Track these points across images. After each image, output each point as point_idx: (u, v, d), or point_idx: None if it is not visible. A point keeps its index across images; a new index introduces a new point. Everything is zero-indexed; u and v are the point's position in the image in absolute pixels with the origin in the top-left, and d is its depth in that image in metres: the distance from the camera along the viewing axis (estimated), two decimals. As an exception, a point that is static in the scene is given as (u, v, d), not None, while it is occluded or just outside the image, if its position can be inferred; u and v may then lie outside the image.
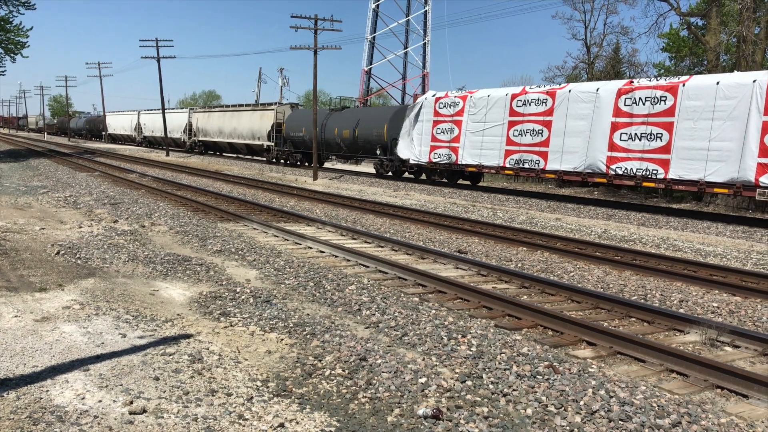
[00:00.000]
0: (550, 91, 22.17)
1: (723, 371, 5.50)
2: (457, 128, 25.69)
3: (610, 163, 20.07)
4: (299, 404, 4.66)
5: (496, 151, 24.03)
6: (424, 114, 27.37)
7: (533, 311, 7.29)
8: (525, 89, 23.23)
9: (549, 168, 22.12)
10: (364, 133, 31.84)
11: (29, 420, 4.10)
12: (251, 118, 42.88)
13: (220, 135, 47.62)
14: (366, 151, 32.63)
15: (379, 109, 35.68)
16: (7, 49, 36.52)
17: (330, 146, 35.19)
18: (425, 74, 61.96)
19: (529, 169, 22.91)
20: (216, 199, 18.92)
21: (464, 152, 25.38)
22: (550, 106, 22.06)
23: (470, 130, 25.07)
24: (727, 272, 10.52)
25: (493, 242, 13.19)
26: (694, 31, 32.59)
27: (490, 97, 24.43)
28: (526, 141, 22.90)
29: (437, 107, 26.68)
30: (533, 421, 4.52)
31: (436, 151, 26.79)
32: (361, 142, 32.27)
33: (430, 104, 27.07)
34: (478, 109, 24.73)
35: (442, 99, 26.58)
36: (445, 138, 26.34)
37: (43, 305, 6.78)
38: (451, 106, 26.04)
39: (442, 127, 26.48)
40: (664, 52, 40.16)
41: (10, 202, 15.65)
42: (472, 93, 25.39)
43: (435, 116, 26.79)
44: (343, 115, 35.07)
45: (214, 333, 6.22)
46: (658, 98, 18.81)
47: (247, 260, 10.02)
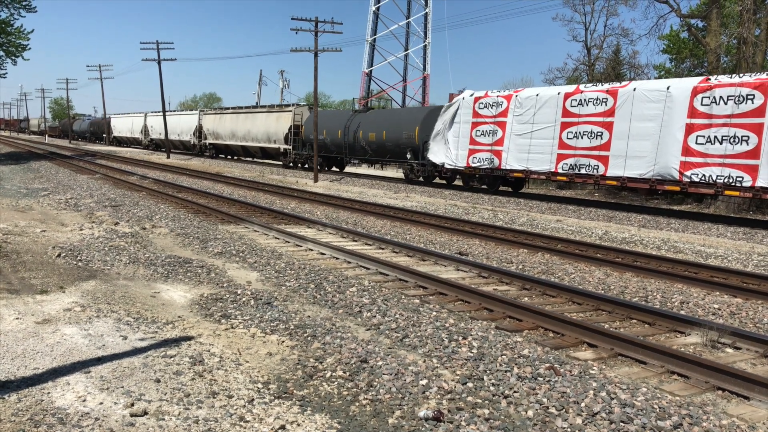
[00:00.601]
0: (611, 90, 20.23)
1: (724, 373, 5.50)
2: (501, 130, 23.74)
3: (684, 169, 18.18)
4: (300, 406, 4.66)
5: (546, 156, 22.07)
6: (461, 115, 25.42)
7: (534, 313, 7.29)
8: (579, 87, 21.46)
9: (610, 174, 20.14)
10: (393, 136, 29.84)
11: (30, 422, 4.10)
12: (267, 120, 40.85)
13: (232, 138, 45.66)
14: (395, 154, 30.54)
15: (410, 110, 33.08)
16: (8, 51, 36.60)
17: (354, 150, 33.27)
18: (426, 76, 61.97)
19: (586, 175, 20.90)
20: (217, 202, 18.92)
21: (509, 156, 23.45)
22: (611, 106, 20.07)
23: (516, 132, 23.17)
24: (728, 274, 10.51)
25: (494, 244, 13.18)
26: (694, 32, 32.60)
27: (539, 96, 22.47)
28: (583, 144, 20.91)
29: (476, 107, 24.77)
30: (534, 423, 4.51)
31: (476, 155, 24.81)
32: (389, 146, 30.29)
33: (468, 104, 25.08)
34: (525, 109, 22.82)
35: (482, 99, 24.63)
36: (486, 141, 24.39)
37: (44, 307, 6.78)
38: (493, 107, 24.10)
39: (482, 129, 24.54)
40: (665, 53, 40.17)
41: (11, 204, 15.67)
42: (518, 92, 23.57)
43: (474, 117, 24.87)
44: (368, 116, 32.91)
45: (215, 335, 6.22)
46: (743, 97, 17.03)
47: (248, 262, 10.02)
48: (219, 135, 47.40)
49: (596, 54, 39.89)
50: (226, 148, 48.07)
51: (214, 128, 48.19)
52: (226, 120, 46.28)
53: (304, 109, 38.97)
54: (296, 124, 37.86)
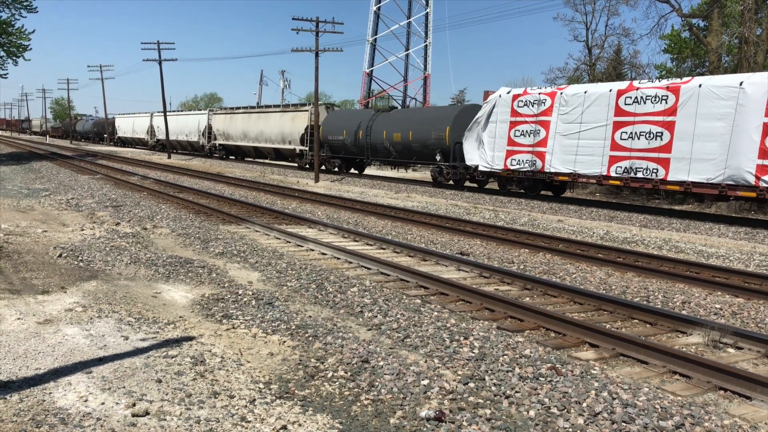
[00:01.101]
0: (672, 86, 18.55)
1: (726, 373, 5.49)
2: (544, 130, 22.06)
3: (761, 174, 16.61)
4: (302, 406, 4.66)
5: (596, 158, 20.42)
6: (498, 114, 23.67)
7: (535, 313, 7.28)
8: (633, 84, 19.92)
9: (671, 178, 18.49)
10: (420, 137, 28.04)
11: (32, 422, 4.10)
12: (281, 120, 38.99)
13: (244, 138, 43.86)
14: (422, 156, 28.72)
15: (440, 109, 30.57)
16: (9, 51, 36.62)
17: (376, 151, 31.38)
18: (426, 76, 62.05)
19: (644, 179, 19.20)
20: (218, 202, 18.93)
21: (553, 158, 21.75)
22: (672, 104, 18.44)
23: (561, 132, 21.49)
24: (729, 274, 10.51)
25: (495, 244, 13.18)
26: (695, 32, 32.59)
27: (587, 93, 20.84)
28: (640, 146, 19.22)
29: (515, 106, 23.05)
30: (536, 423, 4.51)
31: (515, 157, 23.13)
32: (416, 147, 28.48)
33: (506, 102, 23.37)
34: (572, 107, 21.15)
35: (521, 96, 22.95)
36: (526, 141, 22.68)
37: (46, 308, 6.79)
38: (534, 105, 22.39)
39: (522, 128, 22.86)
40: (666, 53, 40.18)
41: (12, 204, 15.68)
42: (563, 89, 22.01)
43: (512, 116, 23.17)
44: (392, 116, 31.00)
45: (217, 335, 6.22)
46: None
47: (249, 262, 10.02)
48: (229, 136, 45.83)
49: (597, 54, 39.88)
50: (236, 149, 46.31)
51: (224, 129, 46.58)
52: (237, 120, 44.68)
53: (321, 108, 37.17)
54: (313, 124, 35.80)
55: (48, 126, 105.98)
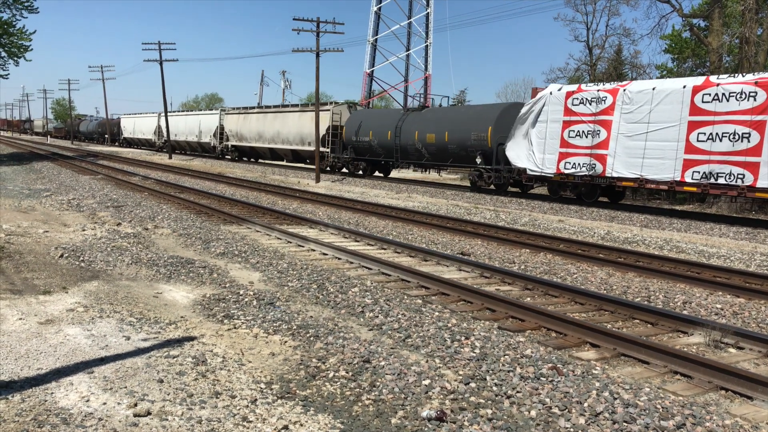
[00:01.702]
0: (761, 81, 16.67)
1: (727, 373, 5.49)
2: (605, 130, 20.15)
3: None
4: (303, 406, 4.66)
5: (668, 162, 18.47)
6: (550, 113, 21.85)
7: (536, 313, 7.29)
8: (710, 79, 18.09)
9: (761, 185, 16.54)
10: (457, 137, 26.06)
11: (34, 422, 4.10)
12: (300, 121, 36.94)
13: (259, 140, 41.80)
14: (459, 158, 26.58)
15: (481, 108, 27.84)
16: (10, 52, 36.66)
17: (407, 153, 29.37)
18: (427, 76, 62.01)
19: (726, 185, 17.33)
20: (219, 202, 18.94)
21: (615, 161, 19.87)
22: (762, 101, 16.50)
23: (625, 133, 19.63)
24: (730, 274, 10.51)
25: (496, 244, 13.18)
26: (696, 32, 32.57)
27: (656, 90, 18.88)
28: (721, 148, 17.31)
29: (569, 104, 21.19)
30: (537, 423, 4.51)
31: (569, 160, 21.21)
32: (452, 148, 26.50)
33: (558, 100, 21.56)
34: (637, 105, 19.26)
35: (576, 93, 21.09)
36: (583, 143, 20.80)
37: (47, 308, 6.79)
38: (592, 103, 20.50)
39: (578, 128, 20.98)
40: (667, 53, 40.15)
41: (13, 205, 15.69)
42: (626, 85, 20.18)
43: (566, 115, 21.31)
44: (424, 115, 28.91)
45: (218, 335, 6.22)
46: None
47: (251, 262, 10.03)
48: (243, 136, 43.88)
49: (598, 54, 39.87)
50: (251, 150, 44.21)
51: (237, 129, 44.59)
52: (252, 120, 42.66)
53: (343, 108, 35.57)
54: (335, 125, 34.47)
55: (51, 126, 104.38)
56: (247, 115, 43.75)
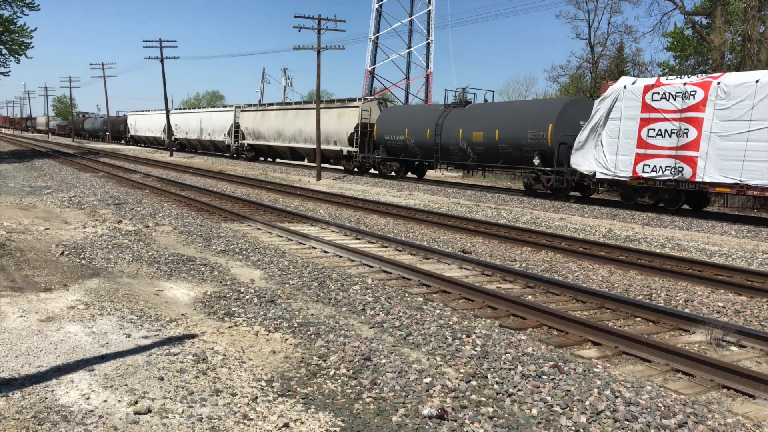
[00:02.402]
0: None
1: (729, 371, 5.48)
2: (693, 129, 18.03)
3: None
4: (304, 404, 4.66)
5: None
6: (624, 109, 19.74)
7: (538, 311, 7.27)
8: None
9: None
10: (510, 136, 23.83)
11: (34, 420, 4.10)
12: (325, 118, 34.72)
13: (278, 138, 39.48)
14: (511, 159, 24.34)
15: (538, 103, 25.70)
16: (11, 50, 36.64)
17: (448, 153, 27.00)
18: (429, 74, 62.03)
19: None
20: (220, 200, 18.94)
21: (707, 165, 17.76)
22: None
23: (720, 132, 17.50)
24: (732, 272, 10.49)
25: (498, 242, 13.17)
26: (698, 30, 32.51)
27: (761, 83, 16.75)
28: None
29: (648, 99, 19.08)
30: (538, 422, 4.50)
31: (648, 162, 19.08)
32: (504, 148, 24.20)
33: (634, 95, 19.51)
34: (736, 101, 17.18)
35: (657, 87, 18.93)
36: (665, 143, 18.68)
37: (48, 305, 6.79)
38: (677, 98, 18.43)
39: (659, 127, 18.83)
40: (669, 51, 40.07)
41: (14, 202, 15.69)
42: (718, 77, 18.03)
43: (644, 112, 19.18)
44: (469, 112, 26.38)
45: (219, 333, 6.22)
46: None
47: (251, 260, 10.02)
48: (260, 135, 41.48)
49: (600, 51, 39.82)
50: (269, 150, 41.91)
51: (254, 127, 42.20)
52: (270, 118, 40.29)
53: (373, 104, 33.19)
54: (364, 122, 32.19)
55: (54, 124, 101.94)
56: (266, 112, 41.60)
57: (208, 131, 49.27)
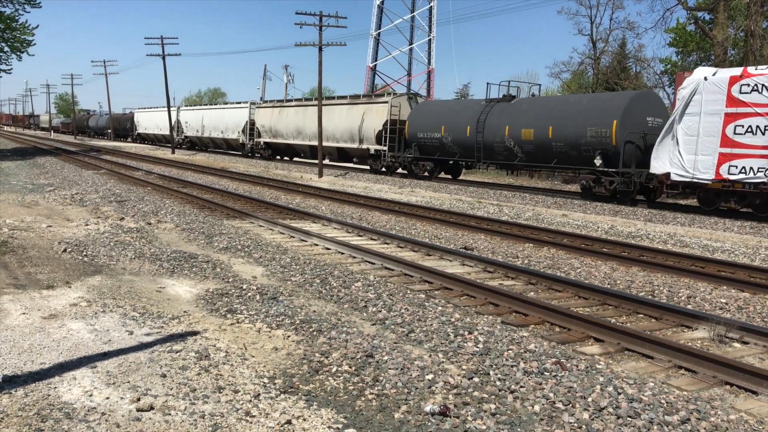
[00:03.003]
0: None
1: (732, 367, 5.47)
2: None
3: None
4: (306, 401, 4.66)
5: None
6: (703, 103, 17.68)
7: (540, 308, 7.26)
8: None
9: None
10: (566, 133, 21.67)
11: (37, 417, 4.10)
12: (349, 115, 32.84)
13: (297, 136, 37.36)
14: (567, 159, 22.09)
15: (600, 98, 23.34)
16: (13, 47, 36.64)
17: (492, 152, 24.81)
18: (430, 70, 61.92)
19: None
20: (222, 197, 18.94)
21: None
22: None
23: None
24: (735, 268, 10.46)
25: (500, 239, 13.15)
26: (701, 25, 32.40)
27: None
28: None
29: (735, 92, 16.97)
30: (541, 418, 4.50)
31: (735, 163, 17.09)
32: (558, 147, 22.03)
33: (717, 87, 17.45)
34: None
35: (746, 78, 16.87)
36: (757, 142, 16.65)
37: (51, 302, 6.80)
38: None
39: (749, 123, 16.71)
40: (671, 47, 39.93)
41: (17, 199, 15.71)
42: None
43: (730, 106, 17.09)
44: (516, 107, 24.29)
45: (221, 330, 6.22)
46: None
47: (254, 257, 10.02)
48: (278, 133, 39.26)
49: (602, 47, 39.74)
50: (287, 148, 39.68)
51: (270, 125, 39.93)
52: (289, 115, 37.95)
53: (403, 100, 30.78)
54: (393, 119, 29.96)
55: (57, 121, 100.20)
56: (283, 109, 39.34)
57: (221, 129, 47.20)
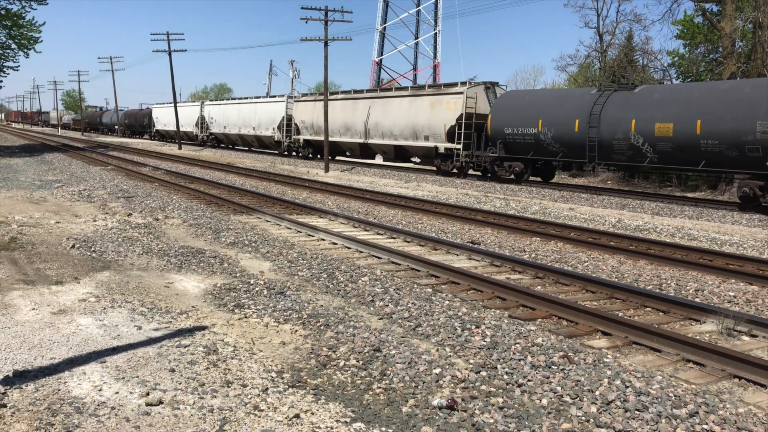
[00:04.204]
0: None
1: (740, 361, 5.45)
2: None
3: None
4: (314, 395, 4.68)
5: None
6: None
7: (547, 301, 7.26)
8: None
9: None
10: (722, 128, 17.46)
11: (48, 411, 4.14)
12: (411, 109, 28.98)
13: (346, 133, 34.25)
14: (722, 161, 17.97)
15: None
16: (20, 44, 36.79)
17: (610, 151, 20.62)
18: (436, 64, 61.74)
19: None
20: (229, 192, 18.98)
21: None
22: None
23: None
24: (743, 261, 10.42)
25: (506, 233, 13.13)
26: (709, 17, 32.15)
27: None
28: None
29: None
30: (548, 412, 4.50)
31: None
32: (709, 146, 17.82)
33: None
34: None
35: None
36: None
37: (60, 298, 6.84)
38: None
39: None
40: (678, 39, 39.64)
41: (25, 196, 15.80)
42: None
43: None
44: (642, 96, 20.09)
45: (229, 325, 6.25)
46: None
47: (261, 252, 10.05)
48: (321, 129, 35.23)
49: (608, 40, 39.49)
50: (333, 145, 35.82)
51: (312, 120, 37.01)
52: (335, 109, 34.38)
53: (479, 89, 26.48)
54: (469, 112, 25.82)
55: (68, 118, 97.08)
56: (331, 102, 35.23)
57: (253, 125, 43.40)
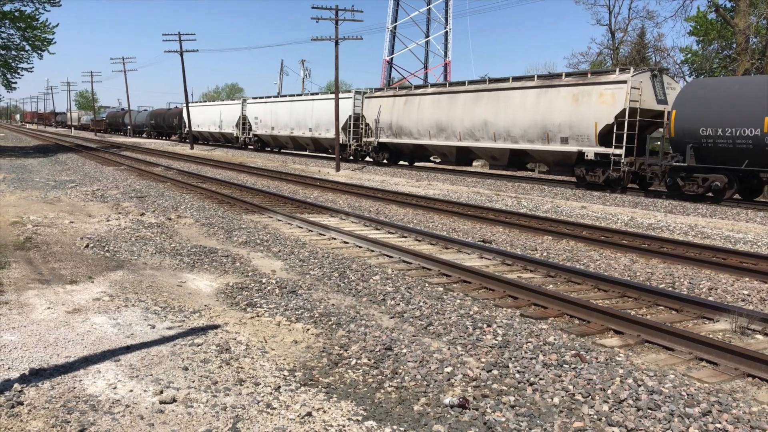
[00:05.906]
0: None
1: (754, 359, 5.41)
2: None
3: None
4: (326, 393, 4.70)
5: None
6: None
7: (559, 300, 7.24)
8: None
9: None
10: None
11: (63, 409, 4.19)
12: (541, 102, 23.36)
13: (438, 134, 28.10)
14: None
15: None
16: (34, 45, 37.11)
17: None
18: (447, 63, 61.59)
19: None
20: (240, 192, 19.06)
21: None
22: None
23: None
24: (757, 259, 10.32)
25: (518, 231, 13.10)
26: (722, 13, 31.86)
27: None
28: None
29: None
30: (560, 410, 4.49)
31: None
32: None
33: None
34: None
35: None
36: None
37: (74, 297, 6.91)
38: None
39: None
40: (691, 35, 39.40)
41: (40, 196, 15.95)
42: None
43: None
44: None
45: (241, 323, 6.28)
46: None
47: (272, 251, 10.09)
48: (402, 130, 30.22)
49: (621, 37, 39.27)
50: (415, 150, 30.76)
51: (391, 119, 30.95)
52: (422, 106, 28.99)
53: (645, 77, 20.94)
54: (633, 107, 20.46)
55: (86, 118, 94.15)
56: (410, 98, 30.09)
57: (309, 125, 37.88)
